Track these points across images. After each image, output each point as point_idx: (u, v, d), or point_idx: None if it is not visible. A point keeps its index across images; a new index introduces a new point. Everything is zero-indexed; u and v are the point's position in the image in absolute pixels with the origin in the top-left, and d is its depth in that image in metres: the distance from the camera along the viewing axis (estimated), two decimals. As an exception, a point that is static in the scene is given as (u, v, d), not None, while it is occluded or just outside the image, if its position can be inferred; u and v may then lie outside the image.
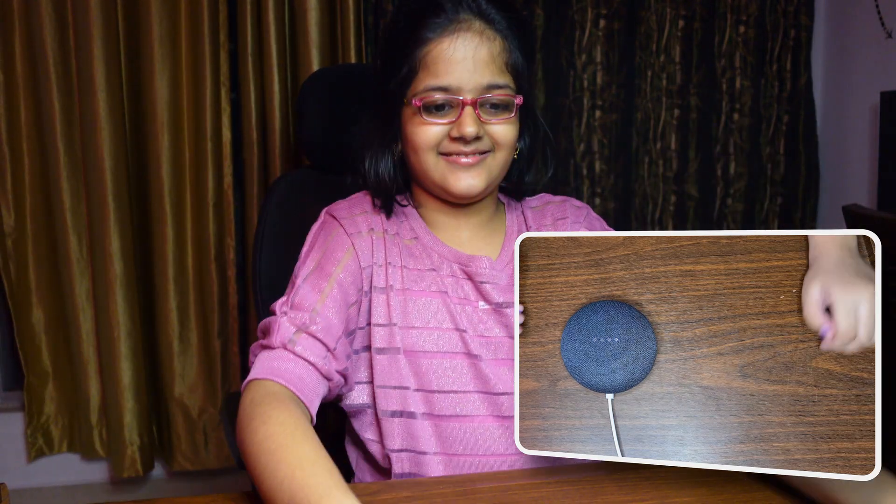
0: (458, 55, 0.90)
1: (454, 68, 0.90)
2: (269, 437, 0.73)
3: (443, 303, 0.95)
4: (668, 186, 2.46)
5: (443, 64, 0.90)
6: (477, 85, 0.91)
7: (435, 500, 0.76)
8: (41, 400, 2.18)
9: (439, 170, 0.94)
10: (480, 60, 0.91)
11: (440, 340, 0.94)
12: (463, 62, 0.90)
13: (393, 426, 0.94)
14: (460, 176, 0.93)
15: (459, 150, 0.92)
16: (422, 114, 0.92)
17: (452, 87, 0.91)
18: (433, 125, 0.92)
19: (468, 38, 0.91)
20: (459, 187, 0.93)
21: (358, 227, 0.96)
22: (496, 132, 0.93)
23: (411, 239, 0.98)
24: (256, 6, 2.08)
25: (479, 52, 0.91)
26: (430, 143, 0.93)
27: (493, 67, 0.92)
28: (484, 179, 0.94)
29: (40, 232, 2.12)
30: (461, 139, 0.91)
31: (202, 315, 2.20)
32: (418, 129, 0.93)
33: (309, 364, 0.84)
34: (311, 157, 1.43)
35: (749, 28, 2.44)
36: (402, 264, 0.96)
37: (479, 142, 0.93)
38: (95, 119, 2.03)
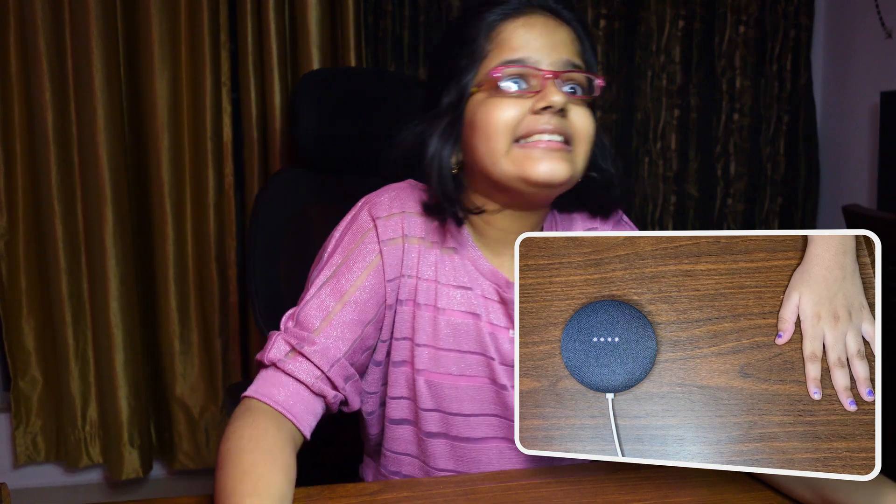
0: (535, 32, 0.84)
1: (531, 44, 0.83)
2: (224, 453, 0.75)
3: (474, 326, 0.89)
4: (668, 186, 2.46)
5: (518, 39, 0.83)
6: (557, 59, 0.83)
7: (435, 500, 0.76)
8: (30, 407, 2.16)
9: (513, 157, 0.83)
10: (558, 39, 0.84)
11: (463, 364, 0.90)
12: (539, 38, 0.84)
13: (398, 433, 0.93)
14: (541, 159, 0.82)
15: (542, 126, 0.82)
16: (498, 87, 0.83)
17: (530, 60, 0.83)
18: (511, 101, 0.83)
19: (544, 21, 0.85)
20: (540, 172, 0.81)
21: (393, 230, 0.88)
22: (576, 119, 0.84)
23: (450, 248, 0.90)
24: (257, 6, 2.08)
25: (556, 33, 0.85)
26: (508, 122, 0.82)
27: (571, 48, 0.85)
28: (569, 168, 0.83)
29: (32, 234, 2.10)
30: (547, 109, 0.81)
31: (203, 315, 2.20)
32: (493, 107, 0.83)
33: (299, 382, 0.82)
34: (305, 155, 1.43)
35: (749, 28, 2.44)
36: (435, 278, 0.89)
37: (563, 120, 0.83)
38: (94, 120, 2.03)
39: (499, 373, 0.89)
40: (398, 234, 0.88)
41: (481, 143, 0.84)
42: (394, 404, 0.92)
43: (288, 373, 0.82)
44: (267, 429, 0.78)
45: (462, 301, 0.89)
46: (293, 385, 0.82)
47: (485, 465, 0.92)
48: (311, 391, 0.83)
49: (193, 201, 2.15)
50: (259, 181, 2.15)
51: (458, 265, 0.90)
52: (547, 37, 0.84)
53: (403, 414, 0.92)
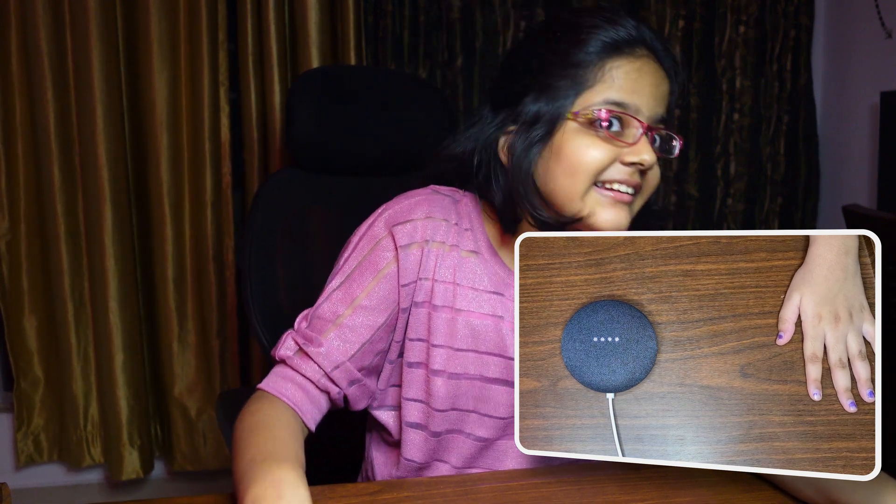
0: (646, 80, 0.84)
1: (640, 90, 0.83)
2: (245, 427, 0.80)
3: (494, 327, 0.90)
4: (668, 186, 2.46)
5: (629, 81, 0.83)
6: (654, 114, 0.85)
7: (435, 500, 0.76)
8: (32, 407, 2.16)
9: (590, 201, 0.84)
10: (660, 92, 0.85)
11: (481, 365, 0.90)
12: (649, 88, 0.84)
13: (417, 439, 0.93)
14: (612, 209, 0.84)
15: (624, 178, 0.84)
16: (596, 128, 0.83)
17: (633, 108, 0.83)
18: (605, 143, 0.83)
19: (654, 69, 0.85)
20: (609, 222, 0.84)
21: (411, 236, 0.88)
22: (651, 176, 0.87)
23: (470, 252, 0.91)
24: (256, 6, 2.08)
25: (661, 86, 0.86)
26: (596, 166, 0.83)
27: (664, 103, 0.87)
28: (629, 219, 0.86)
29: (34, 234, 2.11)
30: (636, 165, 0.83)
31: (201, 316, 2.20)
32: (585, 146, 0.83)
33: (305, 378, 0.87)
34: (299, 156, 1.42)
35: (749, 28, 2.44)
36: (454, 280, 0.90)
37: (643, 177, 0.85)
38: (93, 119, 2.03)
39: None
40: (418, 238, 0.89)
41: (563, 175, 0.84)
42: (409, 406, 0.92)
43: (295, 369, 0.87)
44: (281, 414, 0.83)
45: (484, 303, 0.90)
46: (299, 380, 0.87)
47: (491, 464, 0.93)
48: (317, 387, 0.87)
49: (192, 201, 2.15)
50: (258, 181, 2.15)
51: (479, 268, 0.91)
52: (654, 88, 0.84)
53: (417, 417, 0.92)
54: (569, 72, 0.84)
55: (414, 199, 0.92)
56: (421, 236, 0.89)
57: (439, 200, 0.92)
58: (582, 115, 0.83)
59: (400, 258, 0.88)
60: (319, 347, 0.87)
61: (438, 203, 0.92)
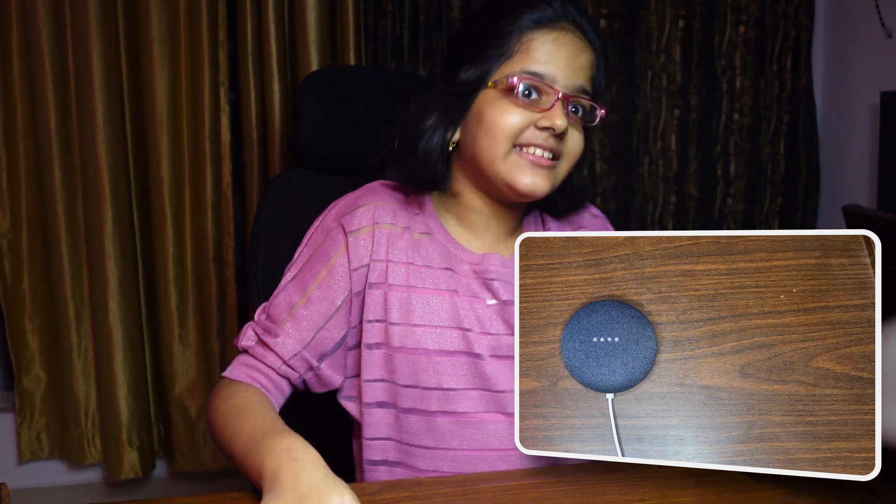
0: (562, 51, 0.91)
1: (556, 60, 0.90)
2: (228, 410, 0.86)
3: (450, 301, 0.94)
4: (668, 186, 2.46)
5: (545, 53, 0.90)
6: (571, 83, 0.91)
7: (435, 500, 0.76)
8: (33, 405, 2.16)
9: (509, 162, 0.91)
10: (580, 64, 0.92)
11: (441, 339, 0.93)
12: (565, 58, 0.91)
13: (375, 417, 0.95)
14: (529, 173, 0.91)
15: (539, 142, 0.91)
16: (512, 96, 0.90)
17: (549, 77, 0.90)
18: (520, 108, 0.90)
19: (573, 40, 0.92)
20: (525, 184, 0.91)
21: (359, 222, 0.94)
22: (571, 140, 0.93)
23: (422, 234, 0.97)
24: (256, 6, 2.08)
25: (579, 57, 0.92)
26: (513, 128, 0.90)
27: (587, 74, 0.93)
28: (549, 185, 0.93)
29: (36, 233, 2.11)
30: (549, 130, 0.90)
31: (201, 315, 2.20)
32: (503, 110, 0.90)
33: (266, 366, 0.94)
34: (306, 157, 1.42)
35: (749, 28, 2.44)
36: (407, 260, 0.94)
37: (559, 140, 0.92)
38: (93, 119, 2.03)
39: (474, 343, 0.93)
40: (367, 222, 0.94)
41: (484, 138, 0.92)
42: (370, 387, 0.95)
43: (257, 358, 0.94)
44: (256, 395, 0.90)
45: (439, 279, 0.94)
46: (262, 368, 0.93)
47: (468, 440, 0.94)
48: (277, 374, 0.94)
49: (192, 201, 2.15)
50: (258, 181, 2.15)
51: (431, 248, 0.96)
52: (572, 58, 0.91)
53: (381, 396, 0.95)
54: (493, 43, 0.92)
55: (361, 191, 0.99)
56: (369, 220, 0.94)
57: (385, 189, 0.99)
58: (500, 84, 0.91)
59: (349, 245, 0.93)
60: (276, 338, 0.93)
61: (385, 191, 0.98)
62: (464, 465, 0.93)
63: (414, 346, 0.93)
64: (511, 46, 0.91)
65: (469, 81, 0.93)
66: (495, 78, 0.91)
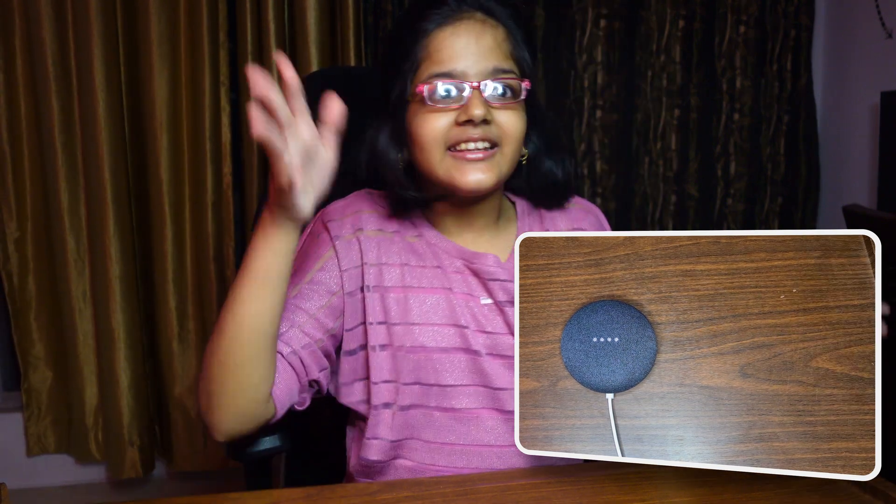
0: (461, 42, 0.89)
1: (458, 54, 0.89)
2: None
3: (445, 299, 0.94)
4: (668, 186, 2.46)
5: (446, 50, 0.89)
6: (482, 69, 0.89)
7: (435, 500, 0.76)
8: (40, 401, 2.18)
9: (445, 166, 0.90)
10: (485, 46, 0.89)
11: (438, 336, 0.94)
12: (466, 48, 0.89)
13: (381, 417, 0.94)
14: (468, 170, 0.89)
15: (468, 136, 0.89)
16: (426, 101, 0.89)
17: (457, 73, 0.89)
18: (438, 113, 0.89)
19: (471, 26, 0.90)
20: (468, 182, 0.90)
21: (344, 228, 0.95)
22: (504, 121, 0.90)
23: (414, 236, 0.97)
24: (256, 6, 2.08)
25: (482, 39, 0.90)
26: (437, 134, 0.89)
27: (498, 53, 0.90)
28: (494, 175, 0.91)
29: (41, 233, 2.12)
30: (469, 122, 0.88)
31: (201, 315, 2.20)
32: (424, 120, 0.90)
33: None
34: None
35: (749, 28, 2.44)
36: (401, 262, 0.95)
37: (488, 127, 0.89)
38: (95, 119, 2.03)
39: (472, 340, 0.93)
40: (351, 230, 0.95)
41: (418, 152, 0.92)
42: (378, 389, 0.94)
43: None
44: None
45: (434, 278, 0.95)
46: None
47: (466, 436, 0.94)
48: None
49: (192, 201, 2.15)
50: (258, 181, 2.15)
51: (425, 249, 0.96)
52: (474, 45, 0.90)
53: (386, 397, 0.95)
54: (402, 57, 0.92)
55: (346, 200, 0.99)
56: (351, 228, 0.95)
57: (369, 197, 0.99)
58: (415, 95, 0.90)
59: (337, 247, 0.94)
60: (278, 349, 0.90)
61: (368, 199, 0.99)
62: (460, 458, 0.94)
63: (413, 345, 0.93)
64: (416, 56, 0.90)
65: (397, 99, 0.93)
66: (410, 91, 0.91)
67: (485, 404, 0.94)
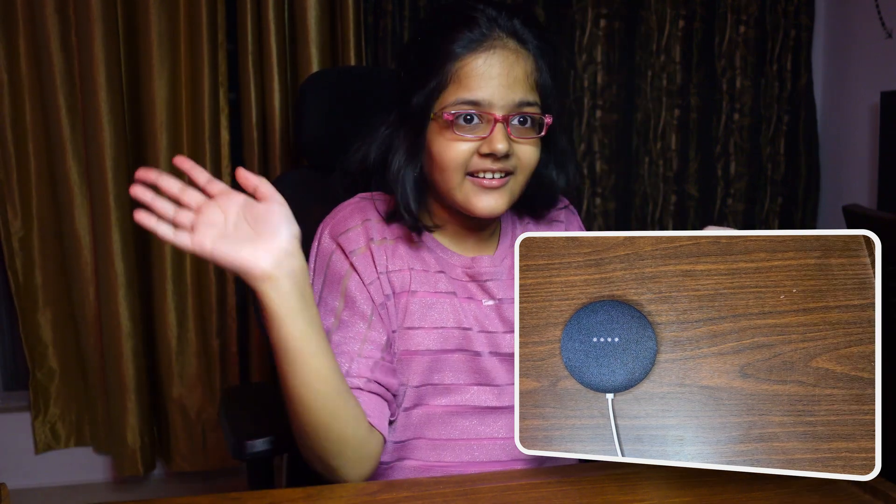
0: (493, 71, 0.89)
1: (487, 83, 0.89)
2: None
3: (449, 302, 0.96)
4: (668, 186, 2.46)
5: (476, 79, 0.89)
6: (509, 101, 0.90)
7: (435, 500, 0.76)
8: (48, 397, 2.20)
9: (464, 191, 0.92)
10: (515, 78, 0.90)
11: (443, 339, 0.95)
12: (497, 78, 0.89)
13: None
14: (483, 197, 0.92)
15: (487, 167, 0.91)
16: (452, 128, 0.90)
17: (484, 102, 0.89)
18: (462, 141, 0.90)
19: (504, 56, 0.90)
20: (483, 208, 0.92)
21: (356, 242, 0.95)
22: (522, 154, 0.92)
23: (415, 243, 0.98)
24: (256, 6, 2.08)
25: (514, 70, 0.90)
26: (459, 161, 0.90)
27: (525, 85, 0.91)
28: (506, 202, 0.93)
29: (47, 231, 2.13)
30: (491, 156, 0.90)
31: (200, 316, 2.20)
32: (447, 145, 0.91)
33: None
34: (310, 157, 1.43)
35: (749, 28, 2.44)
36: (408, 266, 0.96)
37: (507, 161, 0.91)
38: (98, 119, 2.03)
39: (474, 340, 0.96)
40: (362, 242, 0.95)
41: (437, 173, 0.93)
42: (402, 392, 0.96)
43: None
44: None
45: (438, 283, 0.96)
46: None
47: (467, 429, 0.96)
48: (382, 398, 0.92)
49: (192, 201, 2.15)
50: (258, 181, 2.15)
51: (426, 254, 0.97)
52: (505, 76, 0.90)
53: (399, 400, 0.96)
54: (430, 71, 0.91)
55: (347, 209, 0.99)
56: (364, 240, 0.95)
57: (369, 205, 0.99)
58: (440, 117, 0.91)
59: (354, 263, 0.94)
60: (355, 378, 0.89)
61: (369, 207, 0.99)
62: (465, 452, 0.96)
63: (416, 349, 0.95)
64: (445, 76, 0.90)
65: (417, 112, 0.93)
66: (435, 110, 0.91)
67: (488, 403, 0.96)
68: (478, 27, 0.90)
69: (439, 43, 0.91)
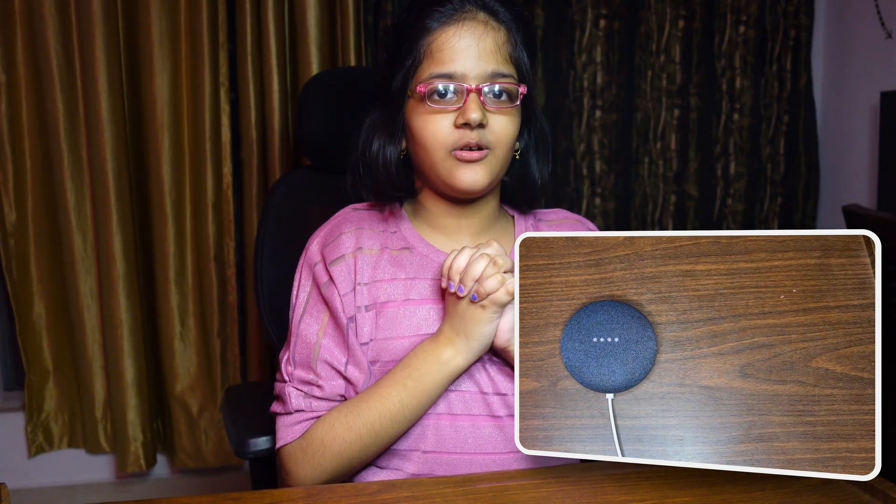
0: (463, 43, 0.91)
1: (459, 55, 0.90)
2: (336, 433, 0.92)
3: (437, 310, 0.95)
4: (668, 186, 2.46)
5: (448, 51, 0.91)
6: (482, 72, 0.91)
7: (435, 500, 0.76)
8: (41, 397, 2.20)
9: (447, 166, 0.93)
10: (485, 49, 0.91)
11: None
12: (468, 50, 0.90)
13: None
14: (464, 170, 0.92)
15: (466, 141, 0.91)
16: (426, 101, 0.91)
17: (457, 74, 0.90)
18: (438, 114, 0.91)
19: (473, 27, 0.91)
20: (463, 182, 0.92)
21: (340, 250, 0.96)
22: (497, 127, 0.92)
23: (401, 249, 0.98)
24: (256, 6, 2.08)
25: (484, 41, 0.91)
26: (438, 135, 0.91)
27: (498, 56, 0.92)
28: (487, 175, 0.93)
29: (42, 229, 2.13)
30: (466, 125, 0.90)
31: (202, 314, 2.20)
32: (425, 120, 0.92)
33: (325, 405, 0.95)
34: (312, 158, 1.44)
35: (749, 28, 2.44)
36: (391, 277, 0.96)
37: (483, 130, 0.91)
38: (98, 119, 2.03)
39: None
40: (351, 249, 0.96)
41: (420, 149, 0.94)
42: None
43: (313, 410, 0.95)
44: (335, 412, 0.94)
45: (424, 290, 0.96)
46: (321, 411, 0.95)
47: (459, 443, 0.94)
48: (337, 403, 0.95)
49: (192, 201, 2.15)
50: (258, 181, 2.15)
51: (415, 261, 0.98)
52: (475, 47, 0.91)
53: None
54: (406, 50, 0.93)
55: (338, 219, 1.01)
56: (352, 246, 0.96)
57: (359, 214, 1.01)
58: (415, 92, 0.92)
59: (332, 273, 0.95)
60: (320, 385, 0.94)
61: (360, 216, 1.01)
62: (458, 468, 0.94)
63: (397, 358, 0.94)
64: (419, 52, 0.92)
65: (396, 91, 0.95)
66: (411, 87, 0.93)
67: (477, 410, 0.94)
68: (449, 3, 0.92)
69: (413, 21, 0.93)
